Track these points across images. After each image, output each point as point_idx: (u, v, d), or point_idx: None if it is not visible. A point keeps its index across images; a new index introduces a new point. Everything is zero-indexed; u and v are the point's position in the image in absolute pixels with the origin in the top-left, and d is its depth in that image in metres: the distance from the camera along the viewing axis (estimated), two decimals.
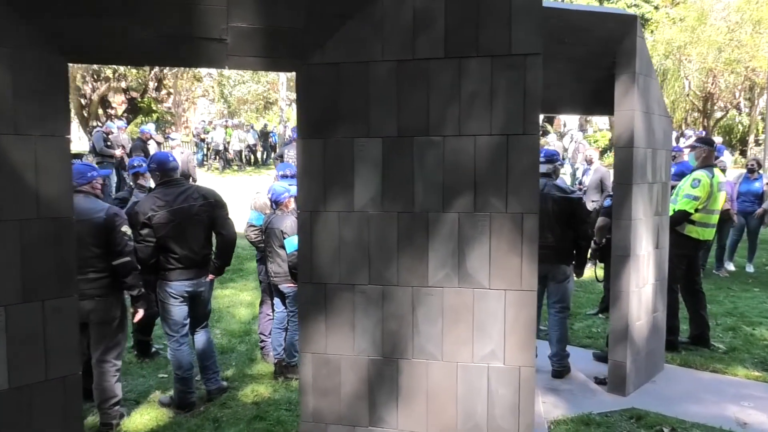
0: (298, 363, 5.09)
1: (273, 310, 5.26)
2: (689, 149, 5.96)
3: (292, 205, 5.08)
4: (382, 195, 2.32)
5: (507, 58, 2.20)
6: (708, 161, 5.71)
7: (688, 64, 26.83)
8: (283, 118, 27.01)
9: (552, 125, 40.76)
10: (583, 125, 30.65)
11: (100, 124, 25.86)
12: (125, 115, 27.49)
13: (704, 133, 23.24)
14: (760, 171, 9.40)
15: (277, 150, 22.16)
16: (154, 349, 5.56)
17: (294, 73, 2.37)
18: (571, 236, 4.97)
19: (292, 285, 4.97)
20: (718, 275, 8.97)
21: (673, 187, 5.60)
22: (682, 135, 23.12)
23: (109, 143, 12.34)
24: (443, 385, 2.34)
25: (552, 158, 5.09)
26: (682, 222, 5.60)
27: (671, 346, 5.70)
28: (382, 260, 2.32)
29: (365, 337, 2.36)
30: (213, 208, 4.40)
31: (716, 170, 5.72)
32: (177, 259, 4.29)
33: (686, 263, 5.80)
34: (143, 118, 29.15)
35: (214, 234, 4.49)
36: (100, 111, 27.27)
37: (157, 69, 25.72)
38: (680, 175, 7.57)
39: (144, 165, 5.47)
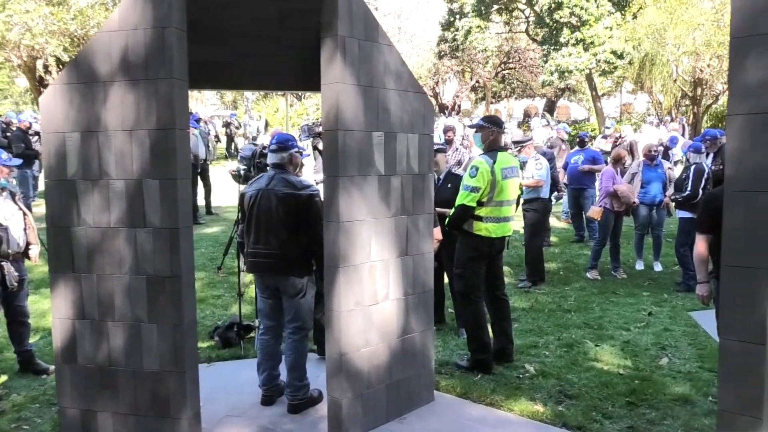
0: None
1: None
2: (474, 129, 5.01)
3: None
4: None
5: None
6: (496, 144, 4.82)
7: (674, 49, 25.44)
8: (248, 108, 26.24)
9: (552, 115, 39.47)
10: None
11: None
12: None
13: (683, 120, 21.96)
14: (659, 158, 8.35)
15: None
16: None
17: None
18: (303, 242, 4.05)
19: None
20: (615, 276, 7.95)
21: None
22: (661, 122, 21.88)
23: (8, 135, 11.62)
24: None
25: (285, 145, 4.16)
26: (465, 219, 4.70)
27: (483, 367, 4.81)
28: None
29: None
30: None
31: (502, 154, 4.79)
32: None
33: (485, 266, 4.88)
34: None
35: None
36: None
37: None
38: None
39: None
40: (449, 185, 5.56)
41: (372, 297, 3.81)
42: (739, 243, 2.17)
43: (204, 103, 43.84)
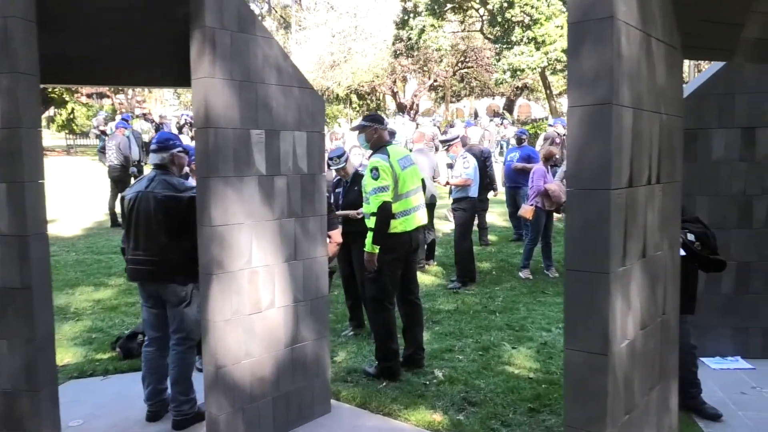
0: None
1: None
2: (357, 131, 4.86)
3: None
4: None
5: None
6: (382, 140, 4.72)
7: None
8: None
9: (511, 113, 39.65)
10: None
11: None
12: None
13: None
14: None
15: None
16: None
17: None
18: (186, 247, 3.80)
19: None
20: (548, 275, 7.87)
21: None
22: None
23: None
24: None
25: (165, 144, 3.92)
26: (389, 219, 4.52)
27: (390, 375, 4.63)
28: None
29: None
30: None
31: (391, 148, 4.71)
32: None
33: (402, 268, 4.72)
34: (56, 110, 27.69)
35: None
36: None
37: None
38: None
39: None
40: (356, 187, 5.39)
41: (254, 305, 3.59)
42: (580, 245, 2.01)
43: (163, 103, 42.96)
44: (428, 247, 8.37)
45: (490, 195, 9.59)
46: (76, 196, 13.24)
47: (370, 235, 4.52)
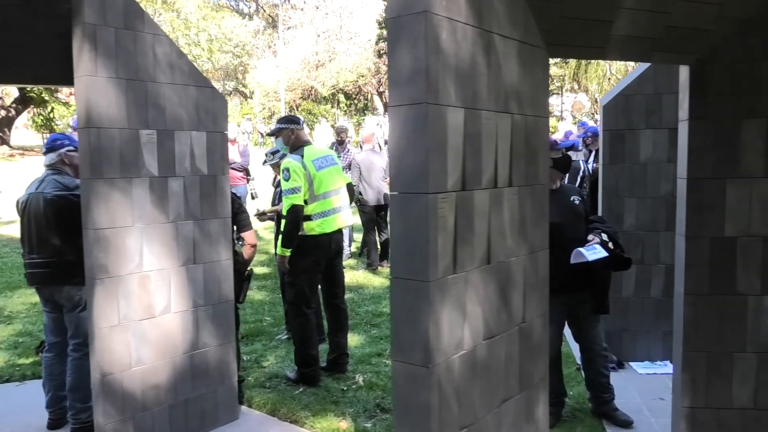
0: None
1: None
2: (275, 136, 4.76)
3: None
4: None
5: None
6: (300, 141, 4.61)
7: None
8: None
9: None
10: None
11: None
12: (14, 105, 25.79)
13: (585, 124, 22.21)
14: None
15: None
16: None
17: None
18: (80, 247, 3.67)
19: None
20: None
21: None
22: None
23: None
24: None
25: (53, 146, 3.83)
26: (299, 222, 4.42)
27: (309, 380, 4.53)
28: None
29: None
30: None
31: (308, 148, 4.60)
32: None
33: (322, 272, 4.62)
34: (35, 110, 27.45)
35: None
36: None
37: None
38: None
39: None
40: None
41: (146, 310, 3.48)
42: (402, 251, 1.91)
43: None
44: (382, 248, 8.28)
45: None
46: None
47: (281, 237, 4.44)
